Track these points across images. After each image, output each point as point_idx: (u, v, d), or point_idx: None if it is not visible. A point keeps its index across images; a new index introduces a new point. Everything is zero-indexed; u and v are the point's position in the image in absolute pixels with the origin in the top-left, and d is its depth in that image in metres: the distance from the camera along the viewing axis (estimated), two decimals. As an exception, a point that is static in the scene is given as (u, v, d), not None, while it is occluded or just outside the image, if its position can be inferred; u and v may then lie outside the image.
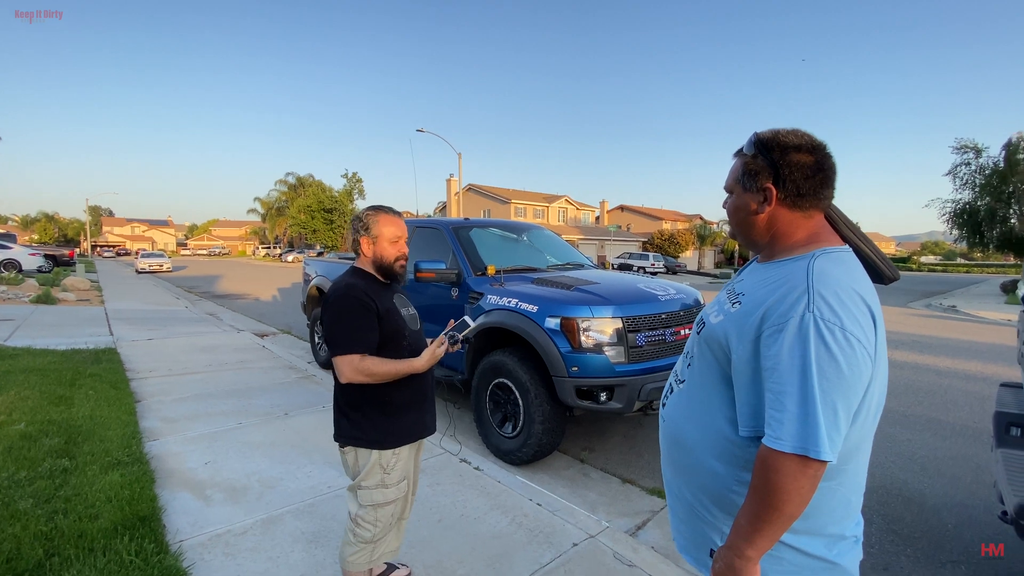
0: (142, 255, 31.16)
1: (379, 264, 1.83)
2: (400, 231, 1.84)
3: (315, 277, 6.44)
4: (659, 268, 34.01)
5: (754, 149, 1.08)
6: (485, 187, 47.22)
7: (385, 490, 1.80)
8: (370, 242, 1.82)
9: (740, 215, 1.13)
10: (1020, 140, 21.24)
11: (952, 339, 9.44)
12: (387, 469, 1.80)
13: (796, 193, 1.05)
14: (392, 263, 1.83)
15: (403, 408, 1.83)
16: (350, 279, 1.79)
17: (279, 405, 4.52)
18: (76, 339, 7.01)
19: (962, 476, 3.56)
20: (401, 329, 1.81)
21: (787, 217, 1.07)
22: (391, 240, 1.82)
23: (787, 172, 1.04)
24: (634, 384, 3.24)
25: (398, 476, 1.83)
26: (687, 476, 1.18)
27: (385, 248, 1.82)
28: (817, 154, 1.05)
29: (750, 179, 1.09)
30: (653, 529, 2.82)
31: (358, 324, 1.70)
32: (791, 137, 1.05)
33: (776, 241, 1.10)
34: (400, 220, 1.87)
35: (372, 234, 1.81)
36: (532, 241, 5.22)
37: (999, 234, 22.95)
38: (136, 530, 2.36)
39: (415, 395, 1.87)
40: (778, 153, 1.05)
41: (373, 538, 1.82)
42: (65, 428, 3.53)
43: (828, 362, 0.90)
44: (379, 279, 1.85)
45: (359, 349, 1.68)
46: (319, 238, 47.94)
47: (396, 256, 1.83)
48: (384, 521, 1.83)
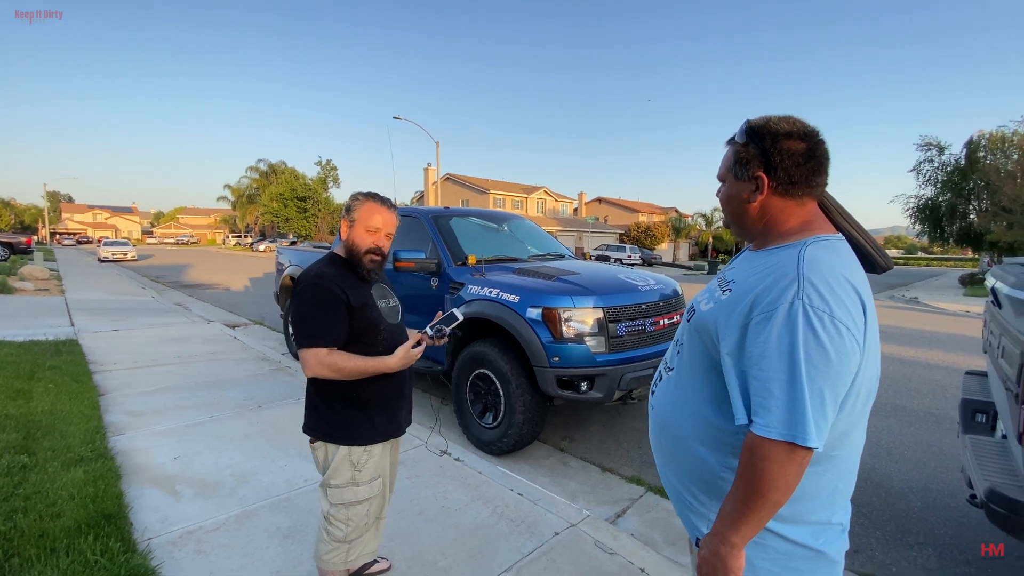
0: (105, 243, 30.01)
1: (350, 250, 1.71)
2: (381, 223, 1.70)
3: (288, 266, 6.28)
4: (635, 260, 34.40)
5: (745, 137, 1.07)
6: (464, 177, 46.83)
7: (356, 488, 1.72)
8: (348, 225, 1.71)
9: (733, 204, 1.12)
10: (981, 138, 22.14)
11: (914, 329, 9.82)
12: (358, 466, 1.71)
13: (788, 181, 1.03)
14: (361, 254, 1.69)
15: (375, 404, 1.74)
16: (322, 267, 1.69)
17: (252, 397, 4.40)
18: (34, 330, 6.69)
19: (927, 461, 3.70)
20: (376, 323, 1.71)
21: (779, 205, 1.06)
22: (368, 228, 1.69)
23: (778, 160, 1.03)
24: (614, 374, 3.25)
25: (370, 474, 1.74)
26: (675, 463, 1.17)
27: (359, 235, 1.69)
28: (809, 141, 1.03)
29: (741, 167, 1.07)
30: (633, 516, 2.85)
31: (325, 316, 1.60)
32: (783, 124, 1.04)
33: (769, 229, 1.09)
34: (387, 211, 1.72)
35: (351, 217, 1.70)
36: (513, 231, 5.18)
37: (959, 229, 23.96)
38: (101, 528, 2.26)
39: (389, 392, 1.77)
40: (769, 141, 1.03)
41: (346, 537, 1.74)
42: (23, 423, 3.36)
43: (816, 349, 0.89)
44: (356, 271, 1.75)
45: (325, 343, 1.59)
46: (292, 227, 46.88)
47: (368, 247, 1.69)
48: (356, 520, 1.75)
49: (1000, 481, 1.68)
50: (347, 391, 1.69)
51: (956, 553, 2.61)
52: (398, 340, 1.76)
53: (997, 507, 1.60)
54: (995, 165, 20.83)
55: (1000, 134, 21.42)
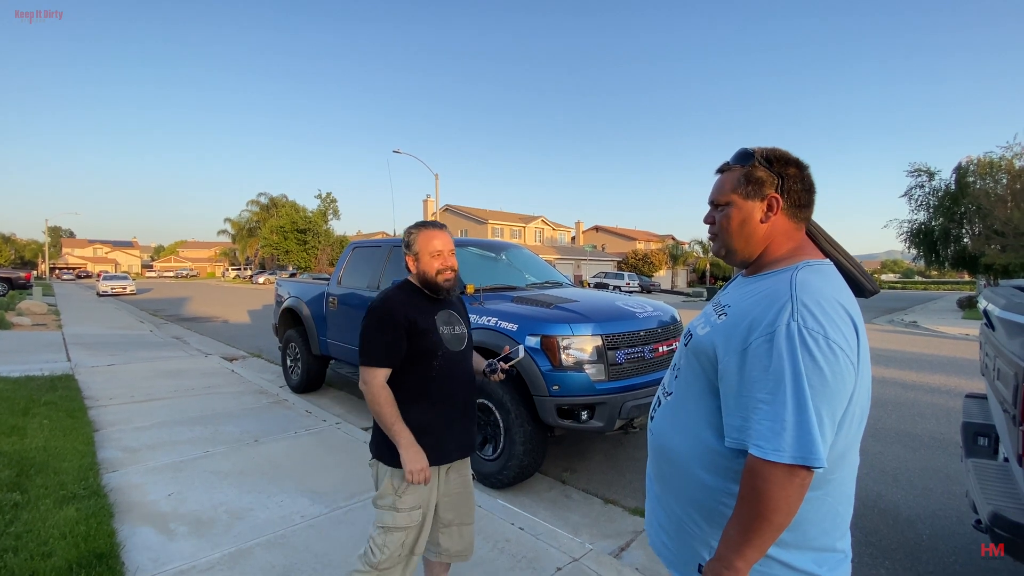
0: (104, 277, 30.02)
1: (423, 279, 1.82)
2: (442, 244, 1.82)
3: (288, 298, 6.30)
4: (634, 287, 34.48)
5: (754, 160, 1.10)
6: (462, 207, 47.38)
7: (396, 514, 1.72)
8: (413, 259, 1.83)
9: (738, 226, 1.12)
10: (969, 164, 22.53)
11: (915, 353, 9.78)
12: (398, 491, 1.73)
13: (797, 203, 1.10)
14: (435, 276, 1.81)
15: (420, 430, 1.74)
16: (391, 291, 1.83)
17: (249, 431, 4.35)
18: (31, 365, 6.65)
19: (933, 487, 3.64)
20: (434, 348, 1.78)
21: (785, 226, 1.11)
22: (432, 254, 1.80)
23: (789, 183, 1.09)
24: (615, 402, 3.23)
25: (410, 503, 1.73)
26: (676, 489, 1.16)
27: (426, 263, 1.80)
28: (804, 170, 1.11)
29: (755, 187, 1.10)
30: (637, 550, 2.79)
31: (384, 338, 1.71)
32: (783, 152, 1.12)
33: (767, 253, 1.12)
34: (443, 233, 1.86)
35: (413, 251, 1.82)
36: (510, 260, 5.23)
37: (953, 252, 24.11)
38: (93, 568, 2.21)
39: (436, 418, 1.80)
40: (779, 165, 1.10)
41: (378, 564, 1.72)
42: (16, 460, 3.31)
43: (813, 370, 0.91)
44: (426, 293, 1.84)
45: (379, 363, 1.70)
46: (292, 259, 47.06)
47: (438, 269, 1.81)
48: (392, 548, 1.72)
49: (1003, 505, 1.66)
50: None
51: (968, 583, 2.55)
52: (457, 367, 1.85)
53: (1001, 531, 1.58)
54: (985, 189, 21.16)
55: (988, 159, 21.83)
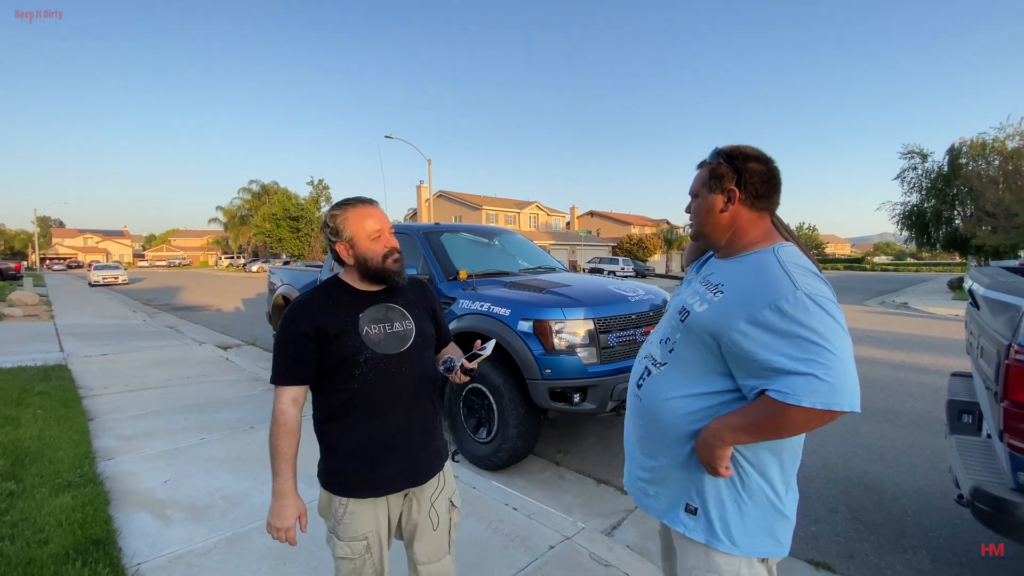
0: (95, 267, 29.77)
1: (366, 269, 1.47)
2: (378, 223, 1.47)
3: (281, 286, 6.28)
4: (628, 272, 34.56)
5: (719, 158, 1.25)
6: (456, 193, 47.11)
7: (337, 541, 1.47)
8: (347, 247, 1.45)
9: (705, 214, 1.28)
10: (962, 145, 22.58)
11: (905, 334, 9.90)
12: (336, 517, 1.47)
13: (755, 195, 1.22)
14: (382, 263, 1.47)
15: (345, 455, 1.47)
16: (304, 293, 1.51)
17: (244, 419, 4.36)
18: (23, 356, 6.62)
19: (919, 464, 3.72)
20: (353, 356, 1.41)
21: (746, 216, 1.24)
22: (371, 236, 1.45)
23: (747, 176, 1.22)
24: (607, 384, 3.27)
25: (349, 532, 1.46)
26: (667, 448, 1.25)
27: (367, 248, 1.45)
28: (768, 164, 1.24)
29: (716, 182, 1.25)
30: (628, 528, 2.84)
31: (285, 349, 1.42)
32: (748, 149, 1.25)
33: (735, 239, 1.26)
34: (376, 209, 1.50)
35: (345, 237, 1.45)
36: (503, 245, 5.22)
37: (945, 234, 24.29)
38: (89, 555, 2.22)
39: (363, 440, 1.46)
40: (740, 160, 1.23)
41: None
42: (11, 450, 3.31)
43: (835, 326, 1.03)
44: (351, 289, 1.50)
45: (280, 379, 1.41)
46: (285, 247, 46.77)
47: (383, 252, 1.46)
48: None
49: (984, 479, 1.70)
50: (321, 431, 1.50)
51: (950, 555, 2.62)
52: (398, 373, 1.47)
53: (982, 505, 1.62)
54: (977, 171, 21.23)
55: (980, 141, 21.86)
